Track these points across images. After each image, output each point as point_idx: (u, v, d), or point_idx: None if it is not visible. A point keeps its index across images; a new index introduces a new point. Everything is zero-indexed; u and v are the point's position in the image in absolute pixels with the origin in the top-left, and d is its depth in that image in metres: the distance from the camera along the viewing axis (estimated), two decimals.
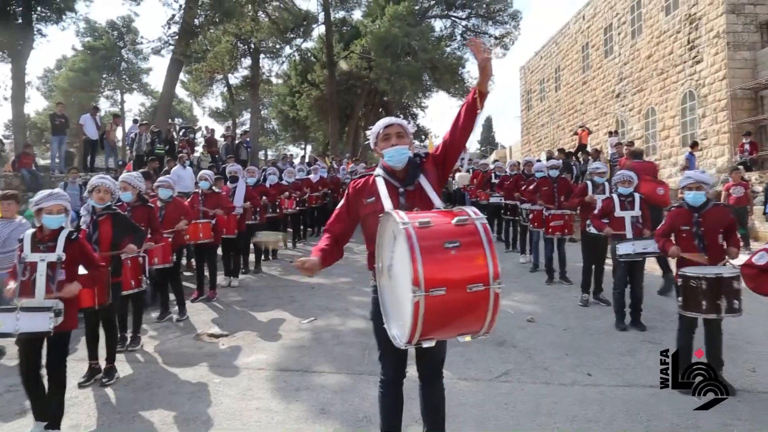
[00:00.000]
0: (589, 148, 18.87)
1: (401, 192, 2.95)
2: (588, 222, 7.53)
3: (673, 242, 4.97)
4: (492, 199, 12.18)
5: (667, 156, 20.12)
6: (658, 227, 5.24)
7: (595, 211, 7.00)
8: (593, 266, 7.62)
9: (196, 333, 6.60)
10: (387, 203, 2.80)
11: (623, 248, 6.26)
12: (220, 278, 9.16)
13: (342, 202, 3.18)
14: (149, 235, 6.27)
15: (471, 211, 2.47)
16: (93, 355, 5.20)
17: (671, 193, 9.96)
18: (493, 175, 12.77)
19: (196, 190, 8.83)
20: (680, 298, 4.57)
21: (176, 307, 7.39)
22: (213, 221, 8.24)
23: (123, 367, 5.52)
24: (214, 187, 8.65)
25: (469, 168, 16.32)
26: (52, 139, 16.80)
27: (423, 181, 2.97)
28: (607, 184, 7.76)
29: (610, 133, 20.56)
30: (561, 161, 11.38)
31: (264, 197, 10.65)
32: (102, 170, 16.76)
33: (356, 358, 5.50)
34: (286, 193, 12.56)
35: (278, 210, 11.99)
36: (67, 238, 4.09)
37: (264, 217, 10.69)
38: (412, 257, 2.21)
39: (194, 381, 5.08)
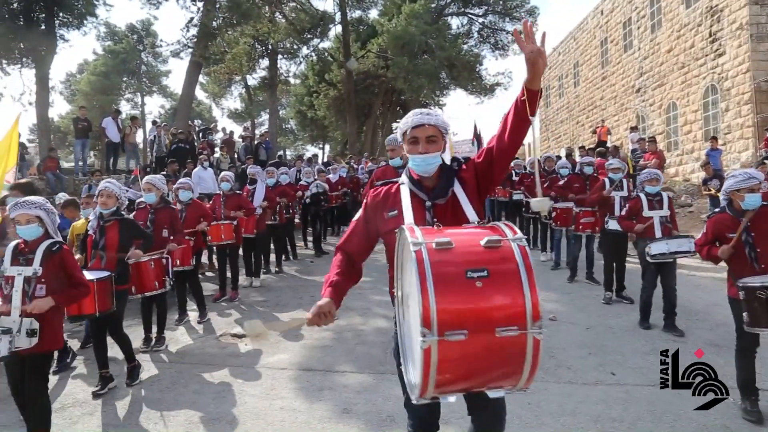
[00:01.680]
0: (609, 145, 18.69)
1: (428, 206, 2.43)
2: (606, 219, 7.43)
3: (718, 246, 4.41)
4: (515, 196, 12.11)
5: (689, 151, 19.83)
6: (698, 237, 4.74)
7: (622, 212, 6.82)
8: (615, 264, 7.54)
9: (219, 333, 6.66)
10: (408, 217, 2.33)
11: (657, 247, 6.03)
12: (242, 279, 9.20)
13: (359, 214, 2.69)
14: (171, 236, 6.33)
15: (506, 228, 2.03)
16: (102, 363, 4.98)
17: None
18: (513, 172, 12.69)
19: (218, 192, 8.88)
20: (745, 314, 3.95)
21: (194, 310, 7.45)
22: (235, 222, 8.26)
23: (148, 366, 5.60)
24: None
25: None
26: (75, 142, 17.09)
27: (458, 191, 2.46)
28: (625, 181, 7.64)
29: (632, 129, 20.33)
30: (593, 158, 11.10)
31: (284, 198, 10.65)
32: (124, 173, 17.01)
33: (378, 358, 5.52)
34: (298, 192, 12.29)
35: (291, 211, 11.56)
36: (47, 250, 3.76)
37: (283, 217, 10.72)
38: (422, 289, 1.75)
39: (218, 381, 5.14)
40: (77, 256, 5.22)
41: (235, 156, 19.09)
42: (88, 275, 4.41)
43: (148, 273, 5.77)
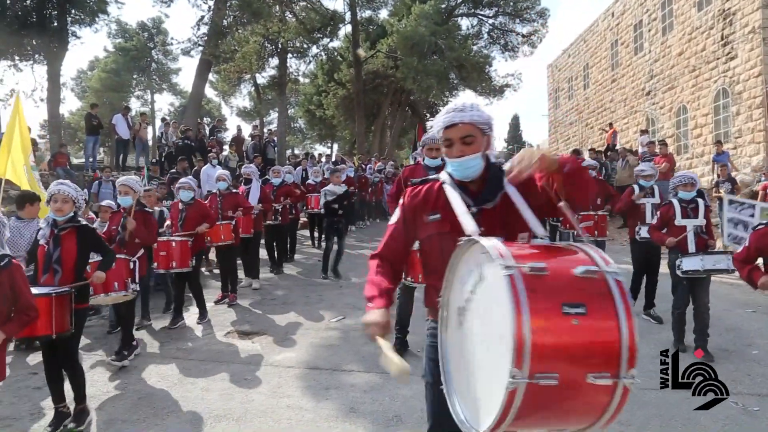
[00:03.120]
0: (618, 147, 18.62)
1: (474, 212, 2.11)
2: (637, 227, 7.05)
3: (762, 270, 4.11)
4: None
5: (699, 155, 19.71)
6: (738, 251, 4.33)
7: (653, 220, 6.28)
8: (645, 276, 7.12)
9: (227, 331, 6.69)
10: (469, 225, 1.98)
11: (689, 263, 5.52)
12: (243, 279, 9.15)
13: (396, 216, 2.40)
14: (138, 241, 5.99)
15: (595, 254, 1.72)
16: (58, 397, 4.26)
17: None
18: None
19: (214, 191, 8.62)
20: None
21: (194, 312, 7.31)
22: (233, 222, 8.05)
23: (156, 363, 5.63)
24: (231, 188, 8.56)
25: None
26: (86, 139, 17.18)
27: (515, 196, 2.11)
28: (656, 187, 7.26)
29: (642, 132, 20.23)
30: (595, 161, 11.10)
31: (288, 198, 10.29)
32: (133, 169, 17.11)
33: None
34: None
35: (294, 211, 11.21)
36: None
37: (287, 218, 10.44)
38: (517, 324, 1.49)
39: (226, 378, 5.16)
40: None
41: (244, 154, 19.14)
42: (43, 289, 3.99)
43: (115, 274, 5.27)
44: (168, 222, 7.52)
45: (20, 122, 7.30)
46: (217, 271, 10.22)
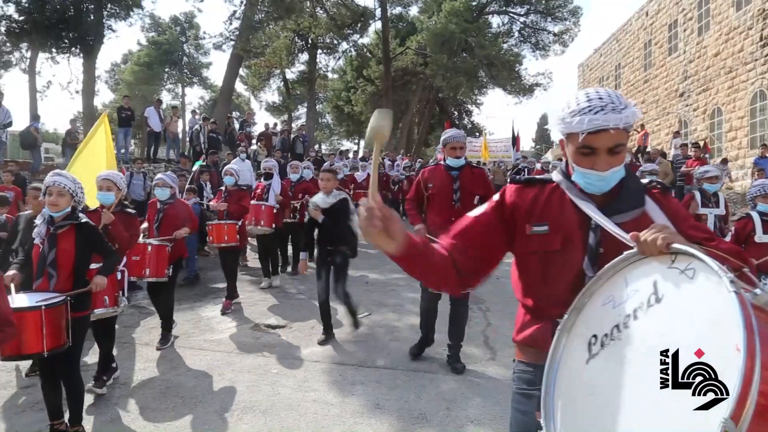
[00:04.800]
0: (649, 150, 18.32)
1: (593, 225, 1.68)
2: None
3: None
4: None
5: (734, 158, 19.30)
6: None
7: (726, 237, 5.50)
8: None
9: (254, 324, 6.76)
10: (617, 232, 1.54)
11: None
12: (262, 282, 8.72)
13: (484, 207, 1.91)
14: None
15: None
16: (54, 413, 3.78)
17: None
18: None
19: (221, 188, 8.10)
20: None
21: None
22: (239, 224, 7.41)
23: (184, 354, 5.72)
24: (240, 184, 8.05)
25: (524, 166, 16.11)
26: (118, 131, 17.48)
27: (656, 215, 1.69)
28: (722, 195, 6.44)
29: (675, 134, 19.88)
30: (656, 166, 10.59)
31: (306, 195, 9.29)
32: (164, 161, 17.38)
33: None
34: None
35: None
36: None
37: (304, 216, 9.58)
38: (748, 361, 1.11)
39: (253, 370, 5.21)
40: (10, 272, 3.77)
41: (273, 149, 19.30)
42: (34, 298, 3.49)
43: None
44: None
45: (100, 139, 6.68)
46: (251, 264, 10.31)
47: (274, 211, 8.34)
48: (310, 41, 30.27)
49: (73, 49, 21.26)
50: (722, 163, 16.79)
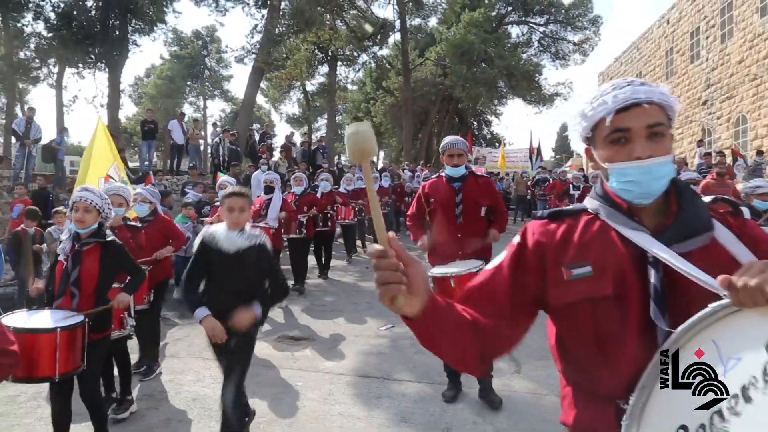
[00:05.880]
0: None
1: (650, 259, 1.29)
2: None
3: None
4: None
5: None
6: None
7: None
8: None
9: (277, 336, 6.78)
10: (714, 282, 1.13)
11: None
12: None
13: (499, 258, 1.51)
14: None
15: None
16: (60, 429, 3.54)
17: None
18: (571, 186, 12.46)
19: (216, 204, 7.53)
20: None
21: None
22: None
23: (208, 366, 5.75)
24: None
25: (543, 177, 16.03)
26: (141, 144, 17.78)
27: (730, 243, 1.30)
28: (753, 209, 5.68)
29: (698, 143, 19.64)
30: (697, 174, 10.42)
31: (313, 207, 9.10)
32: (186, 173, 17.59)
33: (436, 368, 5.48)
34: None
35: (329, 223, 10.01)
36: None
37: (312, 230, 9.24)
38: None
39: (277, 383, 5.22)
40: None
41: (293, 160, 19.46)
42: (51, 317, 3.36)
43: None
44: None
45: (99, 141, 7.29)
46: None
47: (271, 232, 7.47)
48: (330, 53, 30.53)
49: (99, 63, 21.75)
50: (758, 155, 16.13)
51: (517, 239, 1.50)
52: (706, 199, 1.41)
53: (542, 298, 1.43)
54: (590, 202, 1.46)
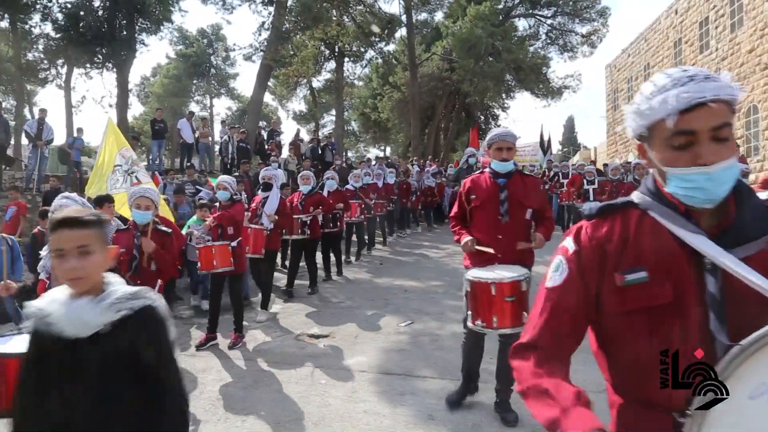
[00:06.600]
0: None
1: (708, 265, 1.22)
2: None
3: None
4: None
5: None
6: None
7: None
8: None
9: (297, 333, 6.78)
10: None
11: None
12: (258, 313, 7.58)
13: (560, 273, 1.39)
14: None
15: None
16: None
17: None
18: (585, 180, 12.36)
19: (215, 203, 7.20)
20: None
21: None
22: (232, 245, 6.30)
23: (231, 365, 5.76)
24: (235, 197, 6.80)
25: (558, 172, 15.94)
26: (152, 143, 17.82)
27: None
28: None
29: None
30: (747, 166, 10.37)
31: (319, 207, 8.74)
32: (196, 172, 17.62)
33: (457, 365, 5.43)
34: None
35: (339, 223, 9.86)
36: None
37: (318, 231, 8.87)
38: None
39: (301, 381, 5.21)
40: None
41: (302, 157, 19.46)
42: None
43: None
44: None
45: (109, 141, 7.42)
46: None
47: (266, 233, 7.25)
48: (336, 50, 30.48)
49: (107, 63, 21.78)
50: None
51: (571, 246, 1.39)
52: (762, 196, 1.30)
53: (595, 306, 1.36)
54: (639, 197, 1.37)
